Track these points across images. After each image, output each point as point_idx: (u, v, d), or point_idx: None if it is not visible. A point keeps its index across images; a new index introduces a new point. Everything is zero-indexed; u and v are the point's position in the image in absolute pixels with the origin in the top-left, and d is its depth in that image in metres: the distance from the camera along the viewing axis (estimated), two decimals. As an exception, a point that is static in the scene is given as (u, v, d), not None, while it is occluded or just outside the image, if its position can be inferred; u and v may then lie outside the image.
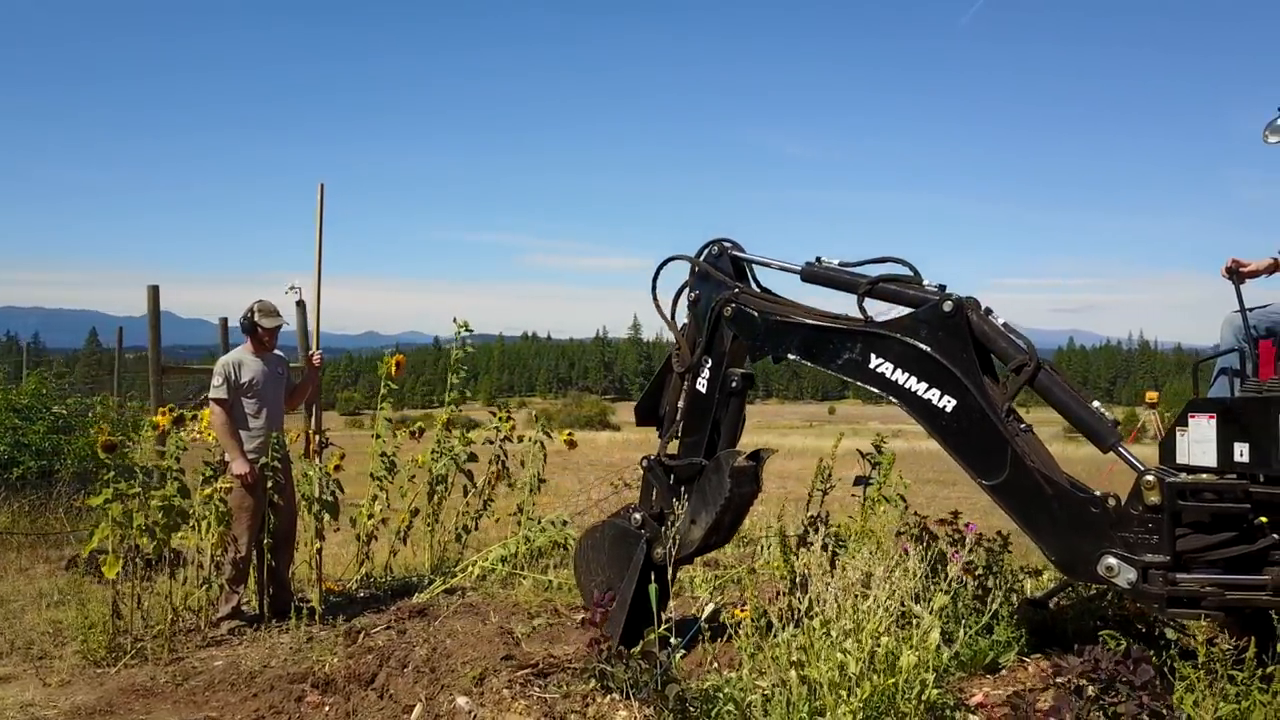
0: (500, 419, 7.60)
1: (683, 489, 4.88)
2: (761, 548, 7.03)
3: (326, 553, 6.68)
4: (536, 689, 4.33)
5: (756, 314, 4.79)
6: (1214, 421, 4.02)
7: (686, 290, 5.14)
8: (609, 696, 3.99)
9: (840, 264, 4.71)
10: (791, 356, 4.74)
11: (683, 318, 5.20)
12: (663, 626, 4.24)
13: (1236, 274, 4.27)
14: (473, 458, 7.49)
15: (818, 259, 4.77)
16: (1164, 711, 2.96)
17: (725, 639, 4.45)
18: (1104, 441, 3.94)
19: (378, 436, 7.14)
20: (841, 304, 4.89)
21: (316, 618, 6.05)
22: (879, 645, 3.77)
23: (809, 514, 6.24)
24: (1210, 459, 4.03)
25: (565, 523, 7.45)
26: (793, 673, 3.83)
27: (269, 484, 6.04)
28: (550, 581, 6.76)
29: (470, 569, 6.99)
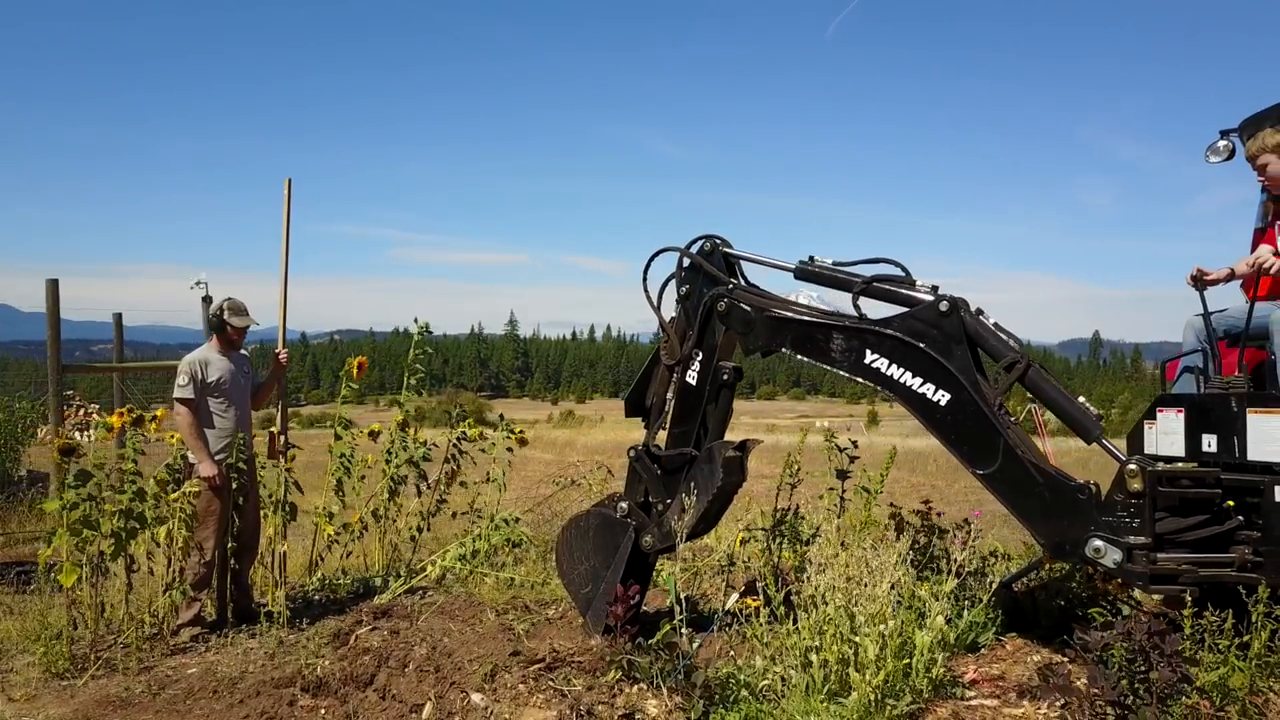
0: (459, 419, 7.55)
1: (671, 478, 5.01)
2: (722, 539, 7.21)
3: (272, 554, 6.55)
4: (551, 683, 4.39)
5: (750, 309, 4.94)
6: (1182, 415, 4.41)
7: (676, 284, 5.23)
8: (636, 686, 4.09)
9: (834, 264, 4.92)
10: (785, 350, 4.92)
11: (668, 311, 5.29)
12: (679, 618, 4.36)
13: (1200, 282, 4.67)
14: (427, 458, 7.44)
15: (811, 258, 4.97)
16: (1191, 676, 3.27)
17: (734, 628, 4.62)
18: (1089, 434, 4.27)
19: (337, 438, 7.00)
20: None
21: (284, 622, 5.91)
22: (888, 628, 4.00)
23: (777, 507, 6.45)
24: (1178, 449, 4.42)
25: (518, 520, 7.45)
26: (813, 657, 4.03)
27: (234, 486, 5.87)
28: (512, 579, 6.77)
29: (430, 569, 6.94)
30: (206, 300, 13.57)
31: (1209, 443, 4.28)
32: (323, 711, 4.68)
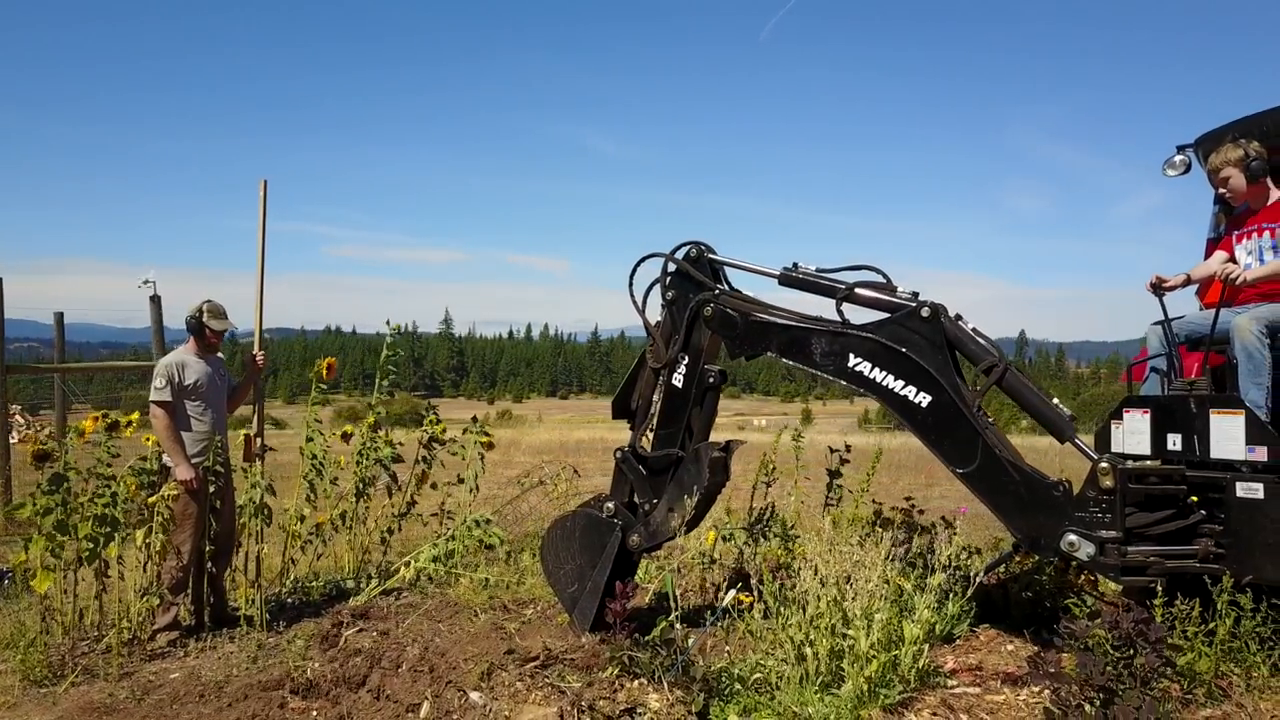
0: (430, 421, 7.56)
1: (657, 478, 5.13)
2: (690, 539, 7.33)
3: (245, 559, 6.52)
4: (546, 680, 4.47)
5: (736, 314, 5.07)
6: (1148, 415, 4.66)
7: (661, 289, 5.33)
8: (637, 681, 4.19)
9: (817, 270, 5.08)
10: (770, 354, 5.06)
11: (654, 315, 5.40)
12: (673, 615, 4.48)
13: (1159, 289, 4.93)
14: (398, 459, 7.44)
15: (794, 264, 5.13)
16: (1173, 662, 3.49)
17: (727, 622, 4.76)
18: (1064, 434, 4.49)
19: (309, 439, 6.97)
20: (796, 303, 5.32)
21: (262, 625, 5.90)
22: (880, 621, 4.17)
23: (752, 506, 6.61)
24: (1144, 448, 4.67)
25: (489, 521, 7.49)
26: (808, 649, 4.18)
27: (211, 489, 5.84)
28: (487, 579, 6.82)
29: (404, 570, 6.95)
30: (154, 299, 13.29)
31: (1173, 441, 4.53)
32: (314, 713, 4.71)
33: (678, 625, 4.53)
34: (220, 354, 6.29)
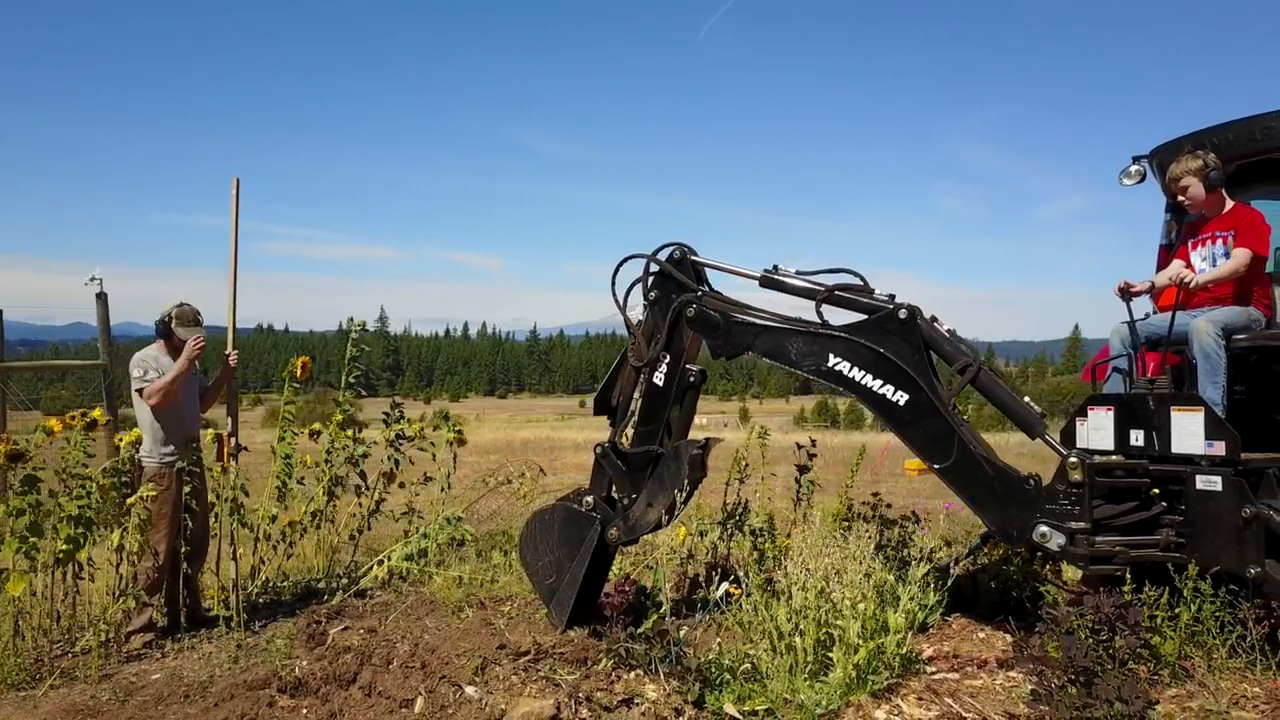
0: (396, 417, 7.56)
1: (637, 474, 5.25)
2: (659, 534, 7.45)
3: (216, 559, 6.49)
4: (541, 674, 4.56)
5: (719, 315, 5.21)
6: (1111, 413, 4.91)
7: (643, 289, 5.44)
8: (633, 673, 4.31)
9: (797, 272, 5.24)
10: (751, 354, 5.21)
11: (636, 314, 5.50)
12: (664, 609, 4.60)
13: (1126, 294, 5.19)
14: (366, 456, 7.44)
15: (775, 267, 5.28)
16: (1151, 644, 3.70)
17: (715, 613, 4.89)
18: (1034, 430, 4.71)
19: (281, 438, 6.94)
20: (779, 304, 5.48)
21: (240, 625, 5.87)
22: (867, 610, 4.35)
23: (725, 502, 6.76)
24: (1108, 443, 4.92)
25: (459, 519, 7.53)
26: (797, 639, 4.34)
27: (187, 488, 5.80)
28: (460, 577, 6.86)
29: (376, 570, 6.96)
30: (100, 297, 13.00)
31: (1136, 437, 4.78)
32: (304, 711, 4.71)
33: (668, 618, 4.66)
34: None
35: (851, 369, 4.93)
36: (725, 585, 4.81)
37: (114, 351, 12.44)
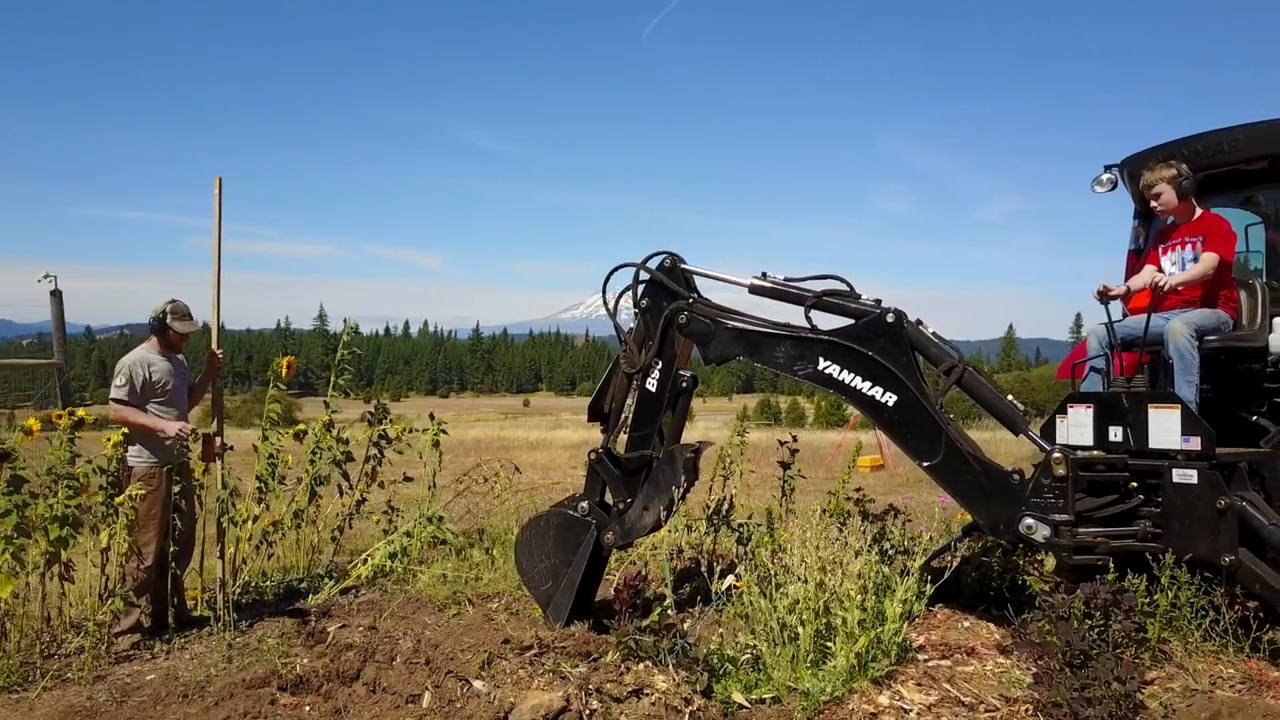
0: (379, 415, 7.57)
1: (631, 479, 5.35)
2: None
3: (201, 558, 6.45)
4: (547, 667, 4.64)
5: (710, 321, 5.34)
6: (1091, 410, 5.13)
7: (634, 297, 5.55)
8: (642, 664, 4.41)
9: (785, 279, 5.38)
10: (742, 359, 5.35)
11: (626, 321, 5.61)
12: (668, 602, 4.72)
13: (1105, 297, 5.43)
14: (349, 457, 7.44)
15: (763, 274, 5.42)
16: (1145, 628, 3.91)
17: (717, 606, 5.01)
18: (1017, 427, 4.93)
19: (264, 438, 6.90)
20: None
21: (230, 625, 5.85)
22: (867, 601, 4.51)
23: (709, 499, 6.89)
24: (1088, 439, 5.14)
25: (441, 518, 7.56)
26: (799, 629, 4.48)
27: (175, 488, 5.76)
28: (444, 575, 6.90)
29: (360, 568, 6.96)
30: (55, 294, 12.75)
31: (1115, 433, 5.01)
32: (307, 708, 4.73)
33: (671, 610, 4.78)
34: (181, 355, 6.17)
35: (841, 372, 5.09)
36: (730, 578, 4.94)
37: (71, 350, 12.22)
